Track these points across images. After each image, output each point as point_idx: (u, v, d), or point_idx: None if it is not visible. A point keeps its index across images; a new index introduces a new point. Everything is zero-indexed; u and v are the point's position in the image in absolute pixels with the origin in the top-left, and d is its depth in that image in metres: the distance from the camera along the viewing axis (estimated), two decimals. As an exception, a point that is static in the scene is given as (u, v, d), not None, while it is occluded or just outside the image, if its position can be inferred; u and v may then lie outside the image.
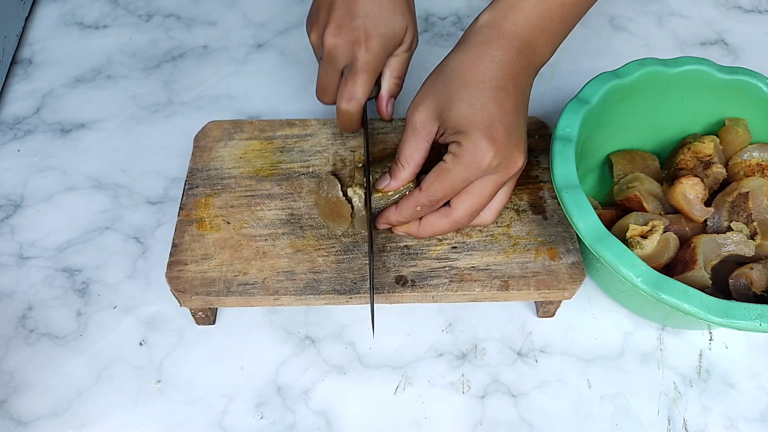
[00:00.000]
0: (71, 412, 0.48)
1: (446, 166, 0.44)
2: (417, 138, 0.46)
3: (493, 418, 0.49)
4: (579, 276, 0.48)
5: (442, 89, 0.45)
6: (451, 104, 0.44)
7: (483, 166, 0.43)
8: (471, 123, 0.43)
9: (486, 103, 0.44)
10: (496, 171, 0.44)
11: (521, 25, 0.45)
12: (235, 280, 0.48)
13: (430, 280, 0.48)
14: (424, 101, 0.45)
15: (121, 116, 0.65)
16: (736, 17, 0.76)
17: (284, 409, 0.49)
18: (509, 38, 0.45)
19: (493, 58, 0.44)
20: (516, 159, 0.45)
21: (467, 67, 0.45)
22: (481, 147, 0.43)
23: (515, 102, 0.45)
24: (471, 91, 0.44)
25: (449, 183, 0.44)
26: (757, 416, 0.50)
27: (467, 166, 0.43)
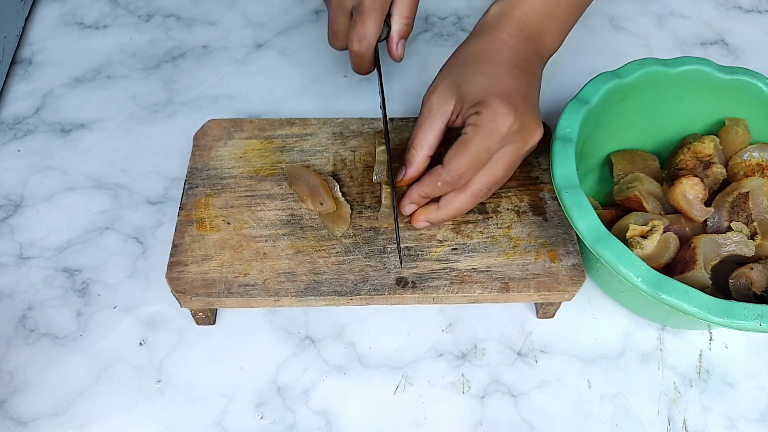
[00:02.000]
0: (71, 412, 0.48)
1: (467, 138, 0.44)
2: (432, 119, 0.46)
3: (493, 418, 0.49)
4: (579, 278, 0.48)
5: (458, 70, 0.46)
6: (468, 79, 0.45)
7: (503, 131, 0.43)
8: (489, 92, 0.44)
9: (502, 76, 0.45)
10: (515, 140, 0.44)
11: (531, 14, 0.47)
12: (236, 281, 0.48)
13: (431, 281, 0.48)
14: (441, 83, 0.46)
15: (121, 116, 0.65)
16: (736, 17, 0.76)
17: (284, 409, 0.49)
18: (519, 26, 0.47)
19: (505, 41, 0.46)
20: (534, 129, 0.45)
21: (481, 49, 0.46)
22: (501, 112, 0.43)
23: (528, 81, 0.46)
24: (487, 67, 0.45)
25: (472, 154, 0.44)
26: (757, 416, 0.50)
27: (488, 133, 0.43)
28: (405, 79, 0.68)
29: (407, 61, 0.70)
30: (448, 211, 0.47)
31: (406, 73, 0.69)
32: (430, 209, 0.48)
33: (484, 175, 0.45)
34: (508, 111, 0.43)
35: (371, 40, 0.48)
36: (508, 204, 0.52)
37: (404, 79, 0.68)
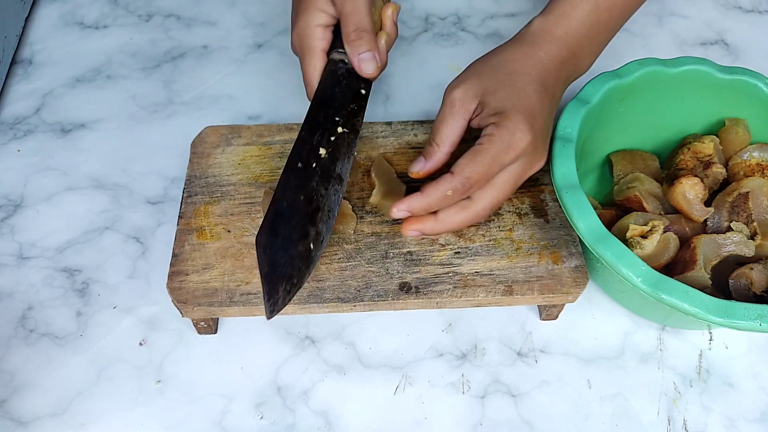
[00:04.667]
0: (71, 412, 0.48)
1: (482, 147, 0.43)
2: (455, 115, 0.45)
3: (493, 418, 0.49)
4: (582, 279, 0.48)
5: (488, 73, 0.45)
6: (495, 87, 0.44)
7: (519, 148, 0.43)
8: (513, 105, 0.43)
9: (530, 94, 0.44)
10: (525, 161, 0.44)
11: (572, 34, 0.47)
12: (238, 289, 0.47)
13: (434, 286, 0.48)
14: (466, 81, 0.45)
15: (121, 116, 0.65)
16: (736, 17, 0.76)
17: (284, 409, 0.49)
18: (559, 45, 0.46)
19: (541, 59, 0.46)
20: (542, 155, 0.45)
21: (515, 59, 0.46)
22: (521, 129, 0.43)
23: (552, 105, 0.46)
24: (517, 80, 0.45)
25: (485, 165, 0.42)
26: (757, 416, 0.50)
27: (505, 146, 0.42)
28: (405, 79, 0.68)
29: (407, 61, 0.70)
30: (446, 227, 0.45)
31: (406, 74, 0.69)
32: (427, 220, 0.44)
33: (489, 192, 0.44)
34: (527, 129, 0.43)
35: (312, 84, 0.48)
36: (509, 206, 0.52)
37: (404, 80, 0.68)
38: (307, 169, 0.44)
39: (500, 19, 0.74)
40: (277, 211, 0.43)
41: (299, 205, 0.43)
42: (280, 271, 0.42)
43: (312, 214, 0.44)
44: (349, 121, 0.47)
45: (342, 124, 0.46)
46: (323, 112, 0.47)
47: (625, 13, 0.50)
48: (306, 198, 0.44)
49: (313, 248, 0.43)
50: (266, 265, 0.41)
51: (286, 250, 0.42)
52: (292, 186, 0.44)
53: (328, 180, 0.45)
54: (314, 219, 0.44)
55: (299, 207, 0.43)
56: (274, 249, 0.42)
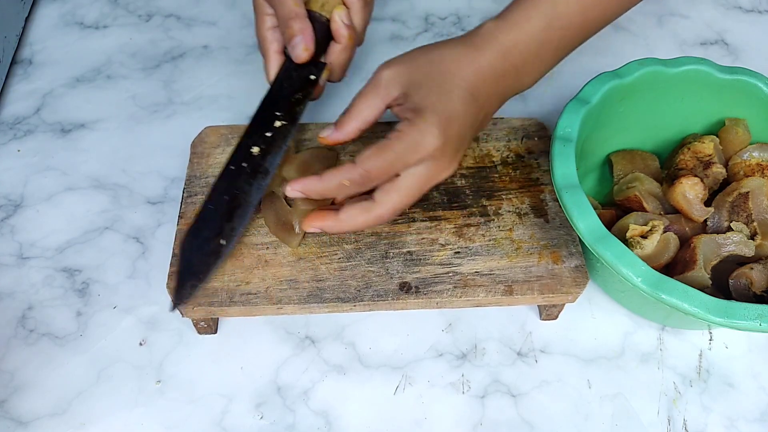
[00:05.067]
0: (71, 412, 0.48)
1: (388, 143, 0.41)
2: (376, 96, 0.43)
3: (493, 418, 0.49)
4: (582, 279, 0.48)
5: (422, 65, 0.44)
6: (423, 81, 0.43)
7: (425, 151, 0.41)
8: (433, 107, 0.42)
9: (454, 99, 0.43)
10: (430, 166, 0.42)
11: (520, 47, 0.44)
12: (238, 290, 0.47)
13: (434, 286, 0.48)
14: (398, 66, 0.44)
15: (121, 116, 0.65)
16: (736, 17, 0.76)
17: (284, 409, 0.49)
18: (502, 56, 0.44)
19: (480, 66, 0.44)
20: (450, 165, 0.43)
21: (454, 59, 0.44)
22: (432, 132, 0.41)
23: (476, 117, 0.44)
24: (447, 81, 0.43)
25: (387, 161, 0.41)
26: (757, 416, 0.50)
27: (411, 146, 0.41)
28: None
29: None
30: (347, 227, 0.44)
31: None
32: (329, 219, 0.44)
33: (392, 196, 0.43)
34: (439, 133, 0.41)
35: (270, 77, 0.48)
36: (509, 206, 0.52)
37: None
38: (237, 170, 0.45)
39: (500, 19, 0.74)
40: (202, 215, 0.44)
41: (222, 205, 0.44)
42: (191, 269, 0.43)
43: (231, 211, 0.44)
44: (290, 112, 0.47)
45: (281, 117, 0.46)
46: (266, 111, 0.47)
47: (581, 36, 0.47)
48: (230, 197, 0.45)
49: (225, 243, 0.44)
50: (181, 264, 0.43)
51: (200, 250, 0.43)
52: (220, 189, 0.45)
53: (255, 176, 0.45)
54: (232, 216, 0.44)
55: (221, 207, 0.44)
56: (191, 250, 0.43)
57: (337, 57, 0.49)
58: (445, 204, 0.52)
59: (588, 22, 0.46)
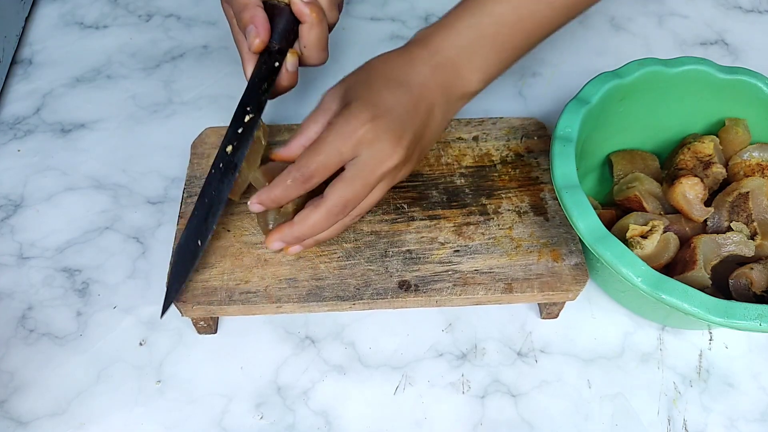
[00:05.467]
0: (71, 412, 0.48)
1: (320, 136, 0.42)
2: (318, 112, 0.45)
3: (493, 418, 0.49)
4: (582, 277, 0.48)
5: (356, 74, 0.46)
6: (354, 85, 0.44)
7: (355, 137, 0.42)
8: (359, 97, 0.43)
9: (380, 88, 0.44)
10: (370, 154, 0.42)
11: (447, 45, 0.45)
12: (237, 288, 0.47)
13: (434, 284, 0.48)
14: (338, 84, 0.46)
15: (121, 116, 0.65)
16: (736, 17, 0.76)
17: (284, 409, 0.49)
18: (432, 51, 0.45)
19: (410, 59, 0.45)
20: (395, 152, 0.43)
21: (384, 60, 0.46)
22: (358, 117, 0.42)
23: (413, 104, 0.44)
24: (374, 77, 0.44)
25: (321, 152, 0.42)
26: (757, 416, 0.50)
27: (339, 134, 0.42)
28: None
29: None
30: (302, 228, 0.44)
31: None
32: (285, 226, 0.45)
33: (338, 187, 0.43)
34: (365, 119, 0.42)
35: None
36: (508, 205, 0.52)
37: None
38: (216, 172, 0.46)
39: (500, 19, 0.74)
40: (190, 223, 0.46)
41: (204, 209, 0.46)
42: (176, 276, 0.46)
43: (207, 214, 0.46)
44: (257, 102, 0.47)
45: (250, 111, 0.47)
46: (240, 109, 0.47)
47: (521, 35, 0.47)
48: (208, 200, 0.46)
49: (201, 244, 0.46)
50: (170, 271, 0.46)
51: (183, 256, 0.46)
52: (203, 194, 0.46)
53: (227, 173, 0.46)
54: (207, 216, 0.46)
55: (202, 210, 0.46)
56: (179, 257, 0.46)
57: (307, 36, 0.48)
58: (445, 203, 0.53)
59: (524, 21, 0.46)
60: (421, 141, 0.45)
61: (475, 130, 0.57)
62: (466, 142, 0.56)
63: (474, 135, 0.57)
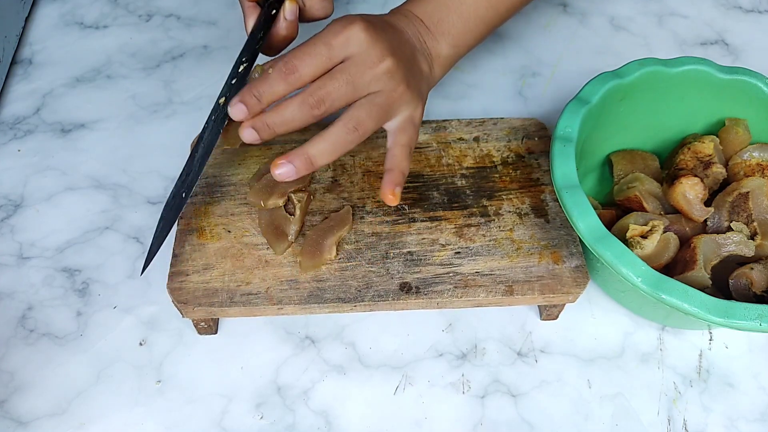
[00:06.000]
0: (71, 412, 0.48)
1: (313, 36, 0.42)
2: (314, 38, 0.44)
3: (493, 418, 0.49)
4: (583, 279, 0.48)
5: None
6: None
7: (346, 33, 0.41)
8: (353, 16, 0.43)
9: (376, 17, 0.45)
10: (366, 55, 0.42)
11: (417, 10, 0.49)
12: (238, 290, 0.47)
13: (435, 286, 0.48)
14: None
15: (121, 116, 0.65)
16: (736, 17, 0.76)
17: (284, 409, 0.49)
18: (405, 13, 0.49)
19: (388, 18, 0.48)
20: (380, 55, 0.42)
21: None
22: (350, 19, 0.42)
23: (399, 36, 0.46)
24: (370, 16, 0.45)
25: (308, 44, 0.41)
26: (757, 416, 0.50)
27: (331, 30, 0.42)
28: None
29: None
30: (275, 117, 0.42)
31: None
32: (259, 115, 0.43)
33: (324, 81, 0.42)
34: (358, 18, 0.42)
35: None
36: (509, 206, 0.52)
37: (404, 79, 0.68)
38: (207, 123, 0.46)
39: (500, 19, 0.74)
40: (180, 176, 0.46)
41: (192, 160, 0.46)
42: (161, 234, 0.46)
43: (190, 160, 0.46)
44: (251, 52, 0.47)
45: (245, 61, 0.46)
46: (236, 61, 0.47)
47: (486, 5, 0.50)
48: (194, 150, 0.46)
49: (184, 196, 0.46)
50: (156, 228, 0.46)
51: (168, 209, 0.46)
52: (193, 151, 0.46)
53: (219, 123, 0.46)
54: (191, 163, 0.46)
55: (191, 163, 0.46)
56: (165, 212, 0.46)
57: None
58: (446, 204, 0.52)
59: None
60: (411, 72, 0.45)
61: (475, 131, 0.57)
62: (467, 142, 0.56)
63: (475, 135, 0.57)
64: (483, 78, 0.69)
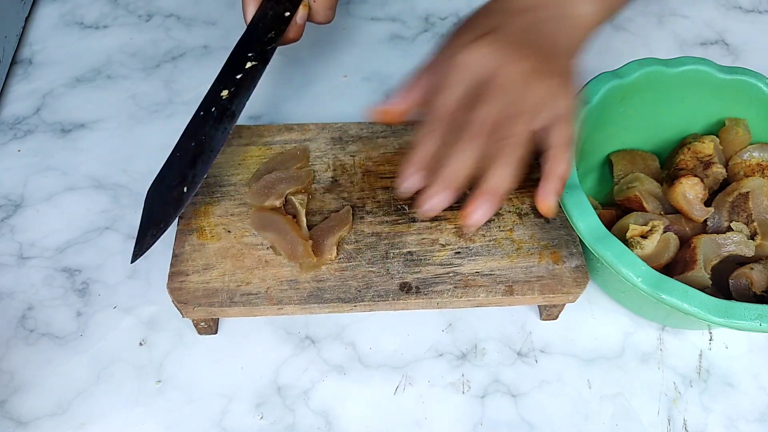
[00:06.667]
0: (71, 412, 0.48)
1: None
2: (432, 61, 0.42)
3: (493, 418, 0.49)
4: (583, 279, 0.48)
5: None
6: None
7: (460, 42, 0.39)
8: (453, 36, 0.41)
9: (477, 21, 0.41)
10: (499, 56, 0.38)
11: None
12: (238, 290, 0.47)
13: (435, 286, 0.48)
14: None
15: (121, 116, 0.65)
16: (736, 17, 0.76)
17: (284, 409, 0.49)
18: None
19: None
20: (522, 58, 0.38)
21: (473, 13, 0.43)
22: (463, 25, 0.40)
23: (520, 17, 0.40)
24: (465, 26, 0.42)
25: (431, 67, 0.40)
26: (757, 416, 0.50)
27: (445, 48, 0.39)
28: (405, 79, 0.68)
29: (408, 61, 0.70)
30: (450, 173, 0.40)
31: (406, 74, 0.69)
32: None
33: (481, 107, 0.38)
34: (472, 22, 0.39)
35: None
36: (509, 206, 0.52)
37: (404, 79, 0.68)
38: (205, 115, 0.45)
39: (500, 19, 0.74)
40: (168, 162, 0.45)
41: (187, 151, 0.45)
42: (152, 218, 0.44)
43: (195, 158, 0.45)
44: (262, 52, 0.46)
45: (253, 58, 0.46)
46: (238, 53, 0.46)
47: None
48: (196, 143, 0.45)
49: (187, 191, 0.44)
50: (144, 213, 0.44)
51: (162, 197, 0.44)
52: (188, 134, 0.45)
53: (221, 120, 0.45)
54: (195, 162, 0.44)
55: (187, 153, 0.45)
56: (155, 197, 0.44)
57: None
58: (446, 204, 0.52)
59: None
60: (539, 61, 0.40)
61: None
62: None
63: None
64: (483, 78, 0.69)
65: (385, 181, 0.54)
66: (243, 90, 0.45)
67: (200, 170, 0.44)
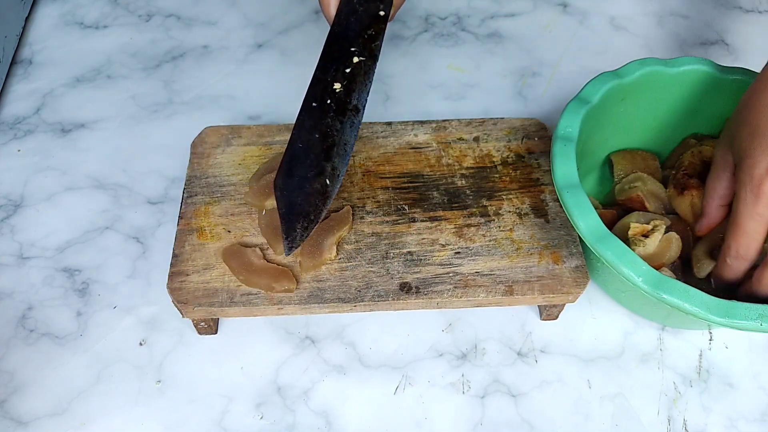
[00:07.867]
0: (71, 412, 0.48)
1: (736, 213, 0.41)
2: (715, 168, 0.45)
3: (493, 418, 0.49)
4: (583, 279, 0.48)
5: (734, 116, 0.44)
6: (737, 129, 0.43)
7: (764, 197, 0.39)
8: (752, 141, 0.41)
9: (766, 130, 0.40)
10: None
11: None
12: (238, 290, 0.47)
13: (435, 286, 0.48)
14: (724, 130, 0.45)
15: (121, 116, 0.65)
16: (736, 17, 0.76)
17: (284, 409, 0.49)
18: None
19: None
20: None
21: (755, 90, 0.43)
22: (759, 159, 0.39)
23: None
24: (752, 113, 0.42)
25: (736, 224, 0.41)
26: (757, 416, 0.50)
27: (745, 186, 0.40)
28: (405, 79, 0.69)
29: (408, 61, 0.70)
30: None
31: (406, 74, 0.69)
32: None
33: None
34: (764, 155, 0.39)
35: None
36: (509, 206, 0.52)
37: (404, 80, 0.68)
38: (321, 106, 0.44)
39: (500, 19, 0.74)
40: (292, 153, 0.44)
41: (314, 143, 0.44)
42: (297, 210, 0.43)
43: (327, 150, 0.44)
44: (366, 48, 0.46)
45: (358, 54, 0.45)
46: (337, 45, 0.45)
47: None
48: (321, 135, 0.44)
49: (330, 183, 0.44)
50: (283, 205, 0.44)
51: (302, 189, 0.44)
52: (307, 126, 0.44)
53: (344, 113, 0.44)
54: (329, 155, 0.44)
55: (314, 145, 0.44)
56: (290, 189, 0.44)
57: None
58: (446, 204, 0.52)
59: None
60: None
61: (476, 131, 0.57)
62: (467, 142, 0.56)
63: (475, 135, 0.57)
64: (483, 78, 0.69)
65: (385, 181, 0.54)
66: (358, 84, 0.44)
67: (339, 163, 0.44)
